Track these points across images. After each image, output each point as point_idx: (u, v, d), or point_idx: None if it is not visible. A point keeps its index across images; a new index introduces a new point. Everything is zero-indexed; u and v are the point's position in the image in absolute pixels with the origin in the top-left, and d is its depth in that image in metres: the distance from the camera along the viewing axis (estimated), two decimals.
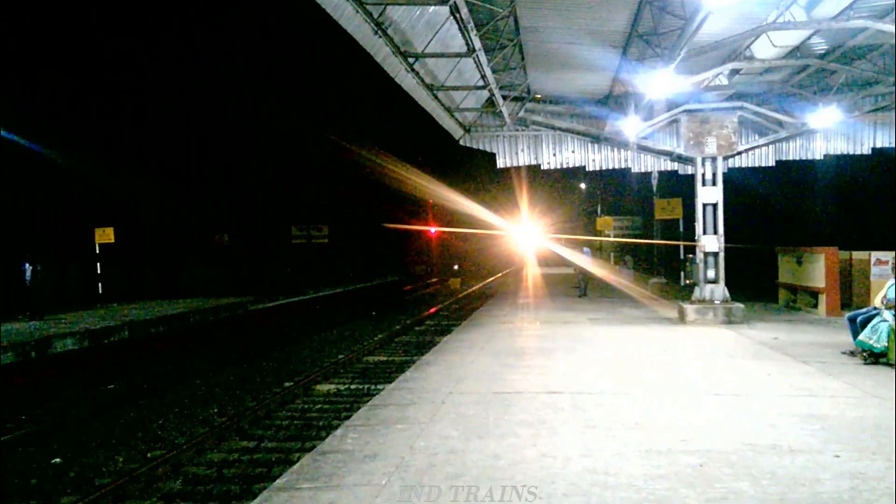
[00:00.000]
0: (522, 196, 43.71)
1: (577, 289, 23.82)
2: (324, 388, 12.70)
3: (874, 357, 9.73)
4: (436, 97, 15.24)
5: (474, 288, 38.74)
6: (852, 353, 10.33)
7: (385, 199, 46.33)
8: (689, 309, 15.08)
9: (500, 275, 48.12)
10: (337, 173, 41.32)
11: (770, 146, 17.60)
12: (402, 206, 48.64)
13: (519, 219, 45.06)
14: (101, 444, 9.32)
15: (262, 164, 40.33)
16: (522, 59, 15.00)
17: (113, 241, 24.94)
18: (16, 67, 25.91)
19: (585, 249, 24.63)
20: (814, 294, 16.60)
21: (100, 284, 25.44)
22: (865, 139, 17.34)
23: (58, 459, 8.66)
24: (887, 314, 9.59)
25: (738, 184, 21.13)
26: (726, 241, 15.30)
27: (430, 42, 12.81)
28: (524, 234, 47.10)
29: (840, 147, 17.55)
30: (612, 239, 33.62)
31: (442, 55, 13.43)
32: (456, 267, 44.29)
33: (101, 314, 19.69)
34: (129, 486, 7.43)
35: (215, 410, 11.15)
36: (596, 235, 37.83)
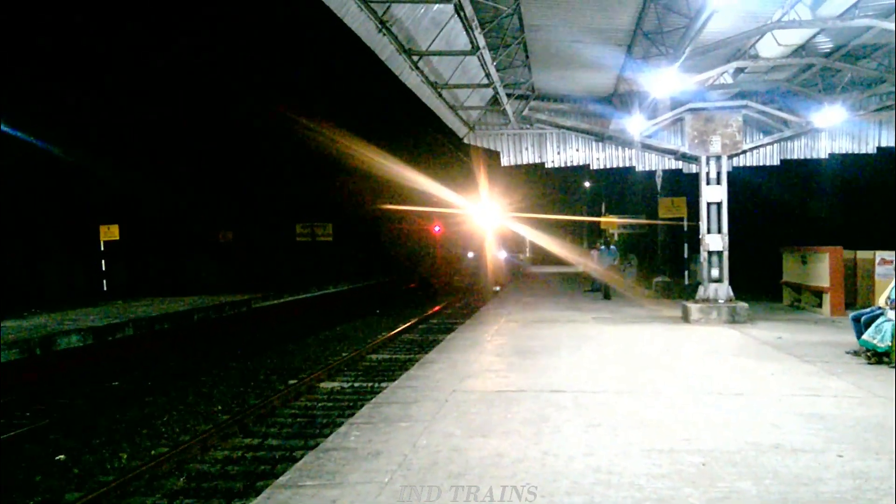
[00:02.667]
0: (507, 189, 42.80)
1: (590, 291, 23.41)
2: (328, 385, 12.73)
3: (878, 357, 9.71)
4: (440, 95, 15.23)
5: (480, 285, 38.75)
6: (856, 353, 10.31)
7: (384, 196, 45.71)
8: (694, 308, 15.06)
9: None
10: (340, 171, 41.15)
11: (775, 145, 17.55)
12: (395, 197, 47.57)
13: (515, 214, 44.00)
14: (105, 441, 9.36)
15: (265, 162, 40.36)
16: (527, 57, 14.99)
17: (118, 238, 25.03)
18: (19, 63, 25.96)
19: (612, 248, 22.85)
20: (818, 293, 16.55)
21: (105, 281, 25.52)
22: (871, 138, 17.29)
23: (62, 456, 8.70)
24: (891, 314, 9.57)
25: (742, 183, 21.06)
26: (731, 240, 15.27)
27: (434, 40, 12.81)
28: (513, 231, 45.99)
29: (845, 146, 17.51)
30: (626, 221, 32.76)
31: (446, 53, 13.43)
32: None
33: (101, 311, 19.74)
34: (133, 483, 7.47)
35: (219, 408, 11.18)
36: (599, 234, 37.68)
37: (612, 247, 22.63)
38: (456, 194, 39.02)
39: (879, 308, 10.03)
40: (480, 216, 40.56)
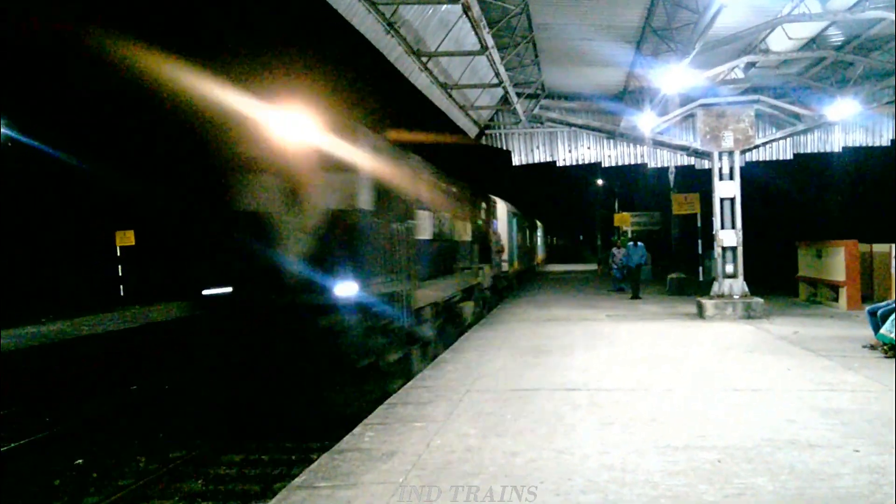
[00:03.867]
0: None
1: (613, 291, 23.00)
2: None
3: (895, 351, 9.63)
4: (450, 96, 15.26)
5: None
6: (873, 347, 10.23)
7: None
8: (708, 304, 14.97)
9: None
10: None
11: (788, 139, 17.48)
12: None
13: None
14: (123, 445, 9.43)
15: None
16: (536, 55, 14.99)
17: (133, 243, 25.21)
18: (25, 70, 26.16)
19: (640, 244, 20.31)
20: (834, 288, 16.42)
21: (121, 286, 25.71)
22: (884, 130, 17.18)
23: (80, 461, 8.78)
24: None
25: (755, 178, 20.93)
26: (745, 236, 15.18)
27: (443, 41, 12.83)
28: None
29: (858, 139, 17.41)
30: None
31: (455, 53, 13.44)
32: None
33: (118, 316, 19.89)
34: (151, 486, 7.53)
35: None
36: (612, 233, 37.44)
37: (640, 243, 20.67)
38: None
39: None
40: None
